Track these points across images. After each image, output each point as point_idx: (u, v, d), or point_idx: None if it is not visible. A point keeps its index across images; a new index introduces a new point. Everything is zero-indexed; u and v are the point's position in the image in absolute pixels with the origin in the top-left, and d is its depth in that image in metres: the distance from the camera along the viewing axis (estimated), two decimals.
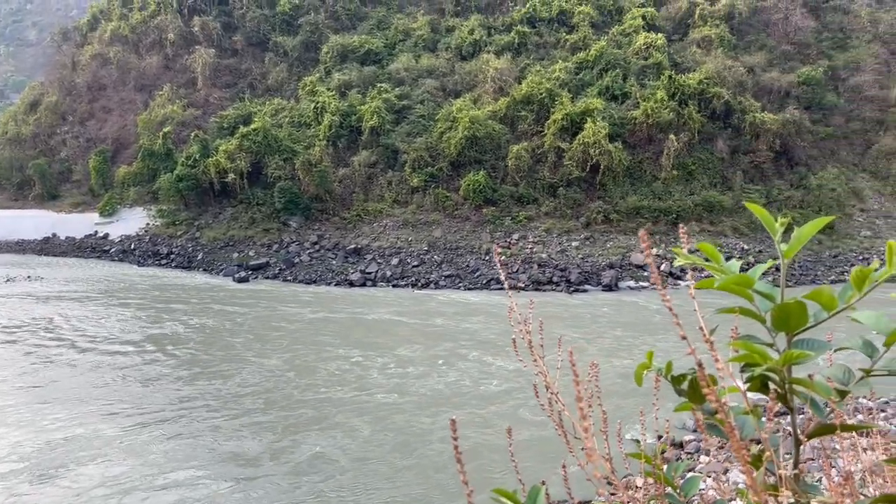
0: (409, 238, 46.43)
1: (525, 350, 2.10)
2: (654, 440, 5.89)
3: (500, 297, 34.62)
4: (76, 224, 61.89)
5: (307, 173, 51.40)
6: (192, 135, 58.25)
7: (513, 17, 65.20)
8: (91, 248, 56.87)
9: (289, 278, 42.87)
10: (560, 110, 49.35)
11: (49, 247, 59.26)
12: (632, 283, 38.09)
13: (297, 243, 48.42)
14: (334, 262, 44.64)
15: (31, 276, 42.96)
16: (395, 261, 43.38)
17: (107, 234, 58.54)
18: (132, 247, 54.35)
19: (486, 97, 55.70)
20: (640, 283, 37.69)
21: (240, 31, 73.52)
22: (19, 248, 60.65)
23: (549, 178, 48.48)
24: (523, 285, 37.87)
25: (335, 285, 40.69)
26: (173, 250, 51.65)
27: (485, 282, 39.01)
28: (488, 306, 32.25)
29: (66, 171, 72.24)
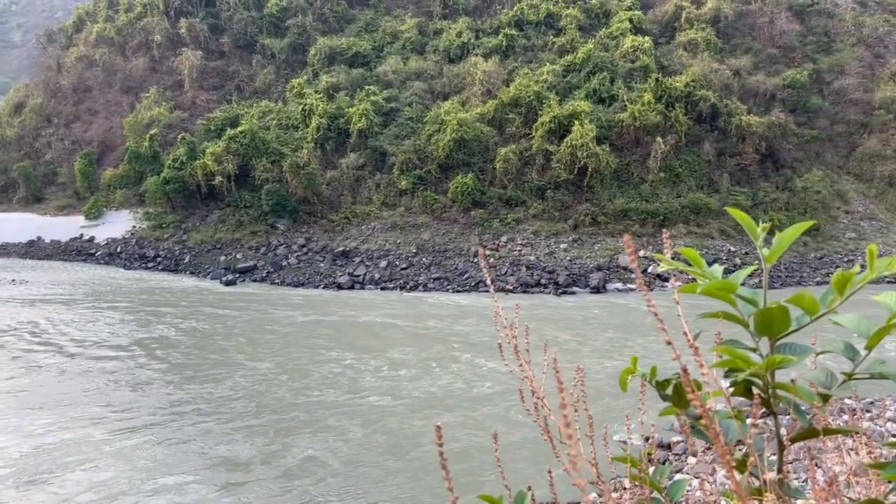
0: (398, 241, 46.38)
1: (515, 354, 2.10)
2: (641, 442, 5.89)
3: (490, 300, 34.52)
4: (61, 227, 61.35)
5: (295, 176, 51.23)
6: (179, 137, 57.97)
7: (500, 20, 65.39)
8: (77, 251, 56.40)
9: (276, 281, 42.73)
10: (548, 113, 49.51)
11: (34, 250, 58.74)
12: (619, 285, 38.21)
13: (284, 246, 48.23)
14: (322, 265, 44.53)
15: (15, 280, 42.52)
16: (383, 263, 43.31)
17: (92, 237, 58.05)
18: (118, 250, 53.95)
19: (474, 100, 55.78)
20: (628, 286, 37.82)
21: (227, 33, 73.21)
22: (3, 251, 60.05)
23: (537, 180, 48.60)
24: (511, 288, 37.90)
25: (323, 288, 40.58)
26: (160, 253, 51.32)
27: (473, 284, 39.02)
28: (480, 309, 32.24)
29: (51, 174, 71.63)
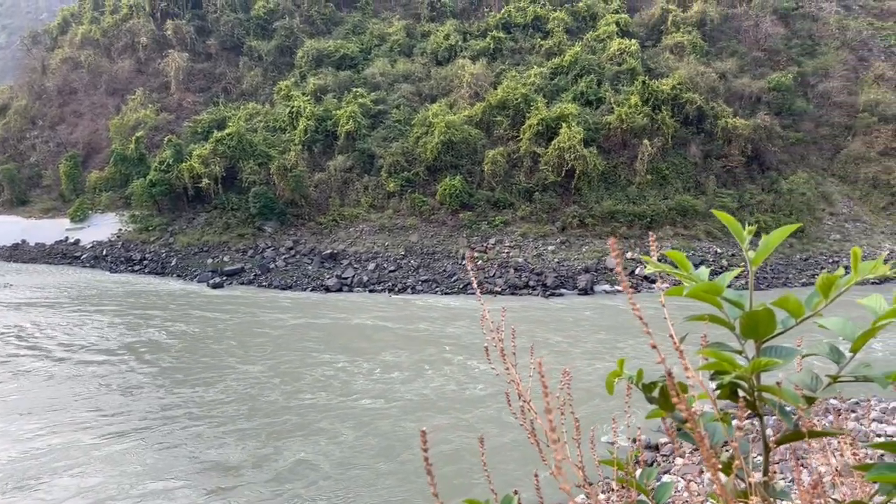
0: (386, 243, 46.31)
1: (502, 357, 2.10)
2: (629, 443, 5.89)
3: (482, 302, 34.53)
4: (46, 230, 60.74)
5: (282, 178, 51.03)
6: (166, 139, 57.63)
7: (488, 23, 65.51)
8: (62, 254, 55.86)
9: (264, 284, 42.53)
10: (535, 115, 49.62)
11: (18, 253, 58.09)
12: (607, 286, 38.34)
13: (272, 248, 48.02)
14: (310, 268, 44.38)
15: None
16: (371, 266, 43.22)
17: (78, 240, 57.52)
18: (104, 253, 53.50)
19: (462, 102, 55.82)
20: (616, 287, 37.93)
21: (214, 35, 72.88)
22: None
23: (525, 182, 48.69)
24: (500, 290, 37.94)
25: (311, 290, 40.45)
26: (146, 256, 50.94)
27: (462, 286, 39.02)
28: (470, 311, 32.23)
29: (35, 177, 70.94)
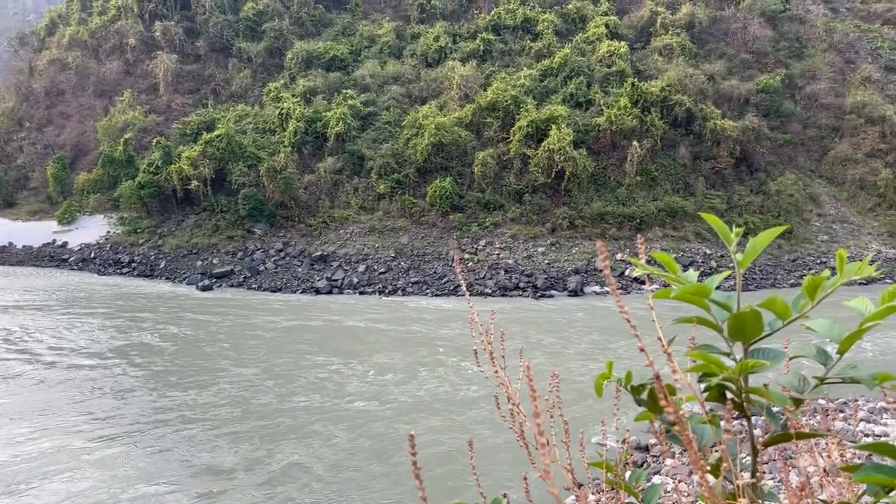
0: (376, 245, 46.24)
1: (491, 360, 2.10)
2: (619, 444, 5.91)
3: (473, 303, 34.59)
4: (34, 232, 60.23)
5: (272, 180, 50.85)
6: (154, 141, 57.30)
7: (478, 25, 65.59)
8: (49, 256, 55.43)
9: (254, 286, 42.36)
10: (525, 117, 49.72)
11: (5, 256, 57.57)
12: (597, 288, 38.46)
13: (261, 251, 47.84)
14: (300, 270, 44.25)
15: None
16: (361, 268, 43.15)
17: (65, 243, 57.11)
18: (92, 255, 53.15)
19: (452, 104, 55.86)
20: (605, 288, 38.05)
21: (203, 36, 72.52)
22: None
23: (515, 184, 48.78)
24: (490, 291, 37.98)
25: (301, 293, 40.34)
26: (135, 258, 50.64)
27: (452, 288, 39.02)
28: (462, 313, 32.24)
29: (22, 179, 70.28)
